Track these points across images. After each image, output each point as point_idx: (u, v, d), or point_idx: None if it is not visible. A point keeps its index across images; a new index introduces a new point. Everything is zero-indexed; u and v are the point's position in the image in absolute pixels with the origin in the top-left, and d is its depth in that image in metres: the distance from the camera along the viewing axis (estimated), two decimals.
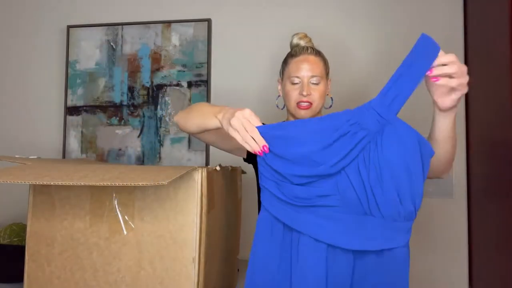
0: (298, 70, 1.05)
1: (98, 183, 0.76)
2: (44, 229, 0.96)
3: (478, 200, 1.52)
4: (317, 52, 1.10)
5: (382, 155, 0.72)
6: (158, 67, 1.86)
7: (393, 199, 0.72)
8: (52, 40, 1.99)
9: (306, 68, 1.05)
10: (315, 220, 0.75)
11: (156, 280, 0.90)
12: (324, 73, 1.08)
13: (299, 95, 1.04)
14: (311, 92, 1.04)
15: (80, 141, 1.90)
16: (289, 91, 1.07)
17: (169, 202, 0.91)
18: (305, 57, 1.07)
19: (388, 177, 0.71)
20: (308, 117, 1.03)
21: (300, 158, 0.75)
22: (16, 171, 0.81)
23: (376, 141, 0.72)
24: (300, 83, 1.05)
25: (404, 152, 0.72)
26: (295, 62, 1.07)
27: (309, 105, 1.04)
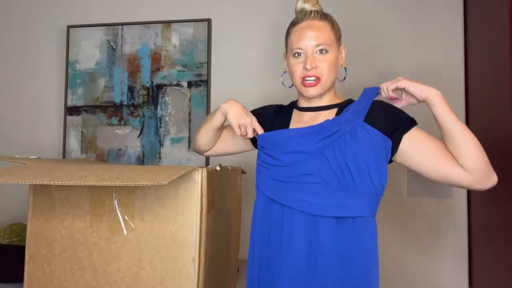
0: (301, 39, 0.90)
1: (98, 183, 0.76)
2: (44, 229, 0.96)
3: (478, 200, 1.52)
4: (323, 15, 0.93)
5: (357, 142, 0.84)
6: (158, 67, 1.86)
7: (365, 175, 0.85)
8: (52, 40, 2.00)
9: (310, 36, 0.89)
10: (300, 196, 0.88)
11: (156, 280, 0.90)
12: (333, 39, 0.91)
13: (304, 70, 0.90)
14: (317, 64, 0.89)
15: (80, 141, 1.90)
16: (292, 66, 0.93)
17: (169, 202, 0.91)
18: (308, 23, 0.91)
19: (361, 157, 0.84)
20: (317, 95, 0.92)
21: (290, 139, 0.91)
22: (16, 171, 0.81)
23: (351, 133, 0.86)
24: (304, 55, 0.91)
25: (372, 143, 0.85)
26: (296, 31, 0.92)
27: (316, 81, 0.90)
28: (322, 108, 0.95)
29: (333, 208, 0.85)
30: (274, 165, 0.92)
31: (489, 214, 1.40)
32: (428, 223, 1.63)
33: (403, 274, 1.64)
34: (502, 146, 1.27)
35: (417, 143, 0.86)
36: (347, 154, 0.84)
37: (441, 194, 1.62)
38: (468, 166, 0.82)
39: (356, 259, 0.85)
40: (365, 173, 0.84)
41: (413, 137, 0.87)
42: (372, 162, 0.84)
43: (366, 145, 0.84)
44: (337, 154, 0.84)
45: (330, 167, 0.85)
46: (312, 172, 0.87)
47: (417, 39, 1.69)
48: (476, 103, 1.54)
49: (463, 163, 0.82)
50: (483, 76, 1.47)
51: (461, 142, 0.82)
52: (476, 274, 1.54)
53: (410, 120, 0.89)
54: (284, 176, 0.90)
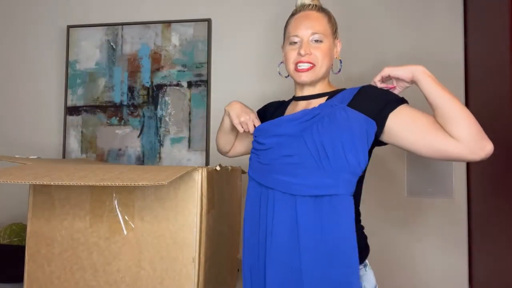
0: (297, 27, 0.94)
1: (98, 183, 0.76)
2: (44, 229, 0.96)
3: (478, 200, 1.52)
4: (321, 8, 0.98)
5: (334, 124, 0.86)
6: (158, 67, 1.86)
7: (340, 156, 0.85)
8: (52, 40, 2.00)
9: (306, 25, 0.93)
10: (281, 177, 0.91)
11: (156, 280, 0.90)
12: (329, 31, 0.95)
13: (298, 56, 0.93)
14: (312, 51, 0.92)
15: (80, 141, 1.90)
16: (287, 52, 0.96)
17: (169, 202, 0.91)
18: (306, 13, 0.95)
19: (336, 138, 0.85)
20: (310, 81, 0.95)
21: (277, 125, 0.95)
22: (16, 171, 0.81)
23: (330, 116, 0.88)
24: (299, 42, 0.94)
25: (350, 123, 0.85)
26: (294, 20, 0.96)
27: (310, 67, 0.93)
28: (314, 97, 0.98)
29: (311, 188, 0.86)
30: (259, 150, 0.98)
31: (489, 214, 1.40)
32: (428, 223, 1.63)
33: (403, 273, 1.64)
34: (502, 146, 1.27)
35: (405, 120, 0.84)
36: (324, 135, 0.86)
37: (441, 194, 1.62)
38: (459, 135, 0.78)
39: (334, 235, 0.85)
40: (341, 153, 0.85)
41: (400, 115, 0.84)
42: (348, 143, 0.84)
43: (343, 126, 0.85)
44: (314, 136, 0.87)
45: (307, 148, 0.87)
46: (291, 153, 0.90)
47: (417, 39, 1.69)
48: (476, 103, 1.54)
49: (454, 133, 0.79)
50: (483, 76, 1.47)
51: (450, 111, 0.79)
52: (476, 273, 1.54)
53: (397, 99, 0.87)
54: (267, 159, 0.95)
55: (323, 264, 0.85)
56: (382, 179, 1.69)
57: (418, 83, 0.85)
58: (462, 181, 1.62)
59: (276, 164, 0.92)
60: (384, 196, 1.68)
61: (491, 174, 1.37)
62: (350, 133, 0.84)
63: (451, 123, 0.79)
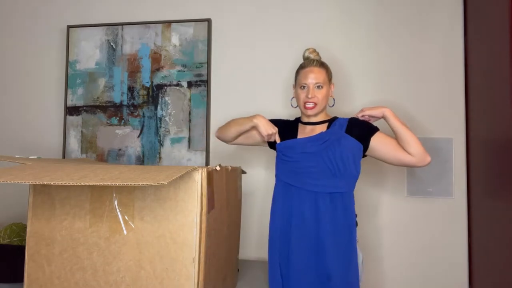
0: (306, 78, 1.36)
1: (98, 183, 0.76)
2: (44, 229, 0.96)
3: (478, 200, 1.52)
4: (321, 64, 1.39)
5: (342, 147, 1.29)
6: (158, 67, 1.86)
7: (347, 168, 1.29)
8: (52, 40, 2.00)
9: (311, 77, 1.36)
10: (306, 180, 1.31)
11: (156, 280, 0.90)
12: (326, 79, 1.38)
13: (306, 97, 1.36)
14: (315, 95, 1.35)
15: (80, 141, 1.90)
16: (298, 94, 1.39)
17: (169, 202, 0.91)
18: (311, 69, 1.37)
19: (344, 157, 1.29)
20: (313, 114, 1.38)
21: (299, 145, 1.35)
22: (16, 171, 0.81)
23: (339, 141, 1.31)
24: (307, 88, 1.36)
25: (351, 147, 1.30)
26: (304, 72, 1.38)
27: (314, 105, 1.35)
28: (317, 123, 1.40)
29: (327, 187, 1.30)
30: (289, 161, 1.36)
31: (489, 214, 1.40)
32: (428, 223, 1.63)
33: (404, 274, 1.64)
34: (502, 146, 1.27)
35: (381, 141, 1.31)
36: (336, 154, 1.29)
37: (441, 194, 1.62)
38: (412, 152, 1.28)
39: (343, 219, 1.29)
40: (347, 166, 1.29)
41: (378, 138, 1.32)
42: (350, 159, 1.29)
43: (347, 148, 1.30)
44: (329, 154, 1.30)
45: (324, 162, 1.30)
46: (314, 165, 1.31)
47: (417, 39, 1.69)
48: (476, 103, 1.54)
49: (409, 151, 1.28)
50: (483, 76, 1.47)
51: (406, 138, 1.28)
52: (476, 274, 1.54)
53: (374, 128, 1.33)
54: (296, 167, 1.34)
55: (335, 234, 1.27)
56: (383, 179, 1.69)
57: (387, 120, 1.32)
58: (462, 181, 1.62)
59: (304, 171, 1.32)
60: (384, 196, 1.68)
61: (491, 174, 1.37)
62: (351, 152, 1.29)
63: (407, 145, 1.28)
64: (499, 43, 1.29)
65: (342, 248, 1.28)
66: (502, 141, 1.27)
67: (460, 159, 1.63)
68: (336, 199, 1.30)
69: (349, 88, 1.73)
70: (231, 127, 1.45)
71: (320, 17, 1.79)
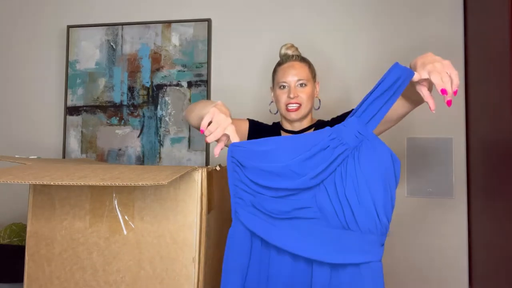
0: (285, 75, 1.12)
1: (98, 183, 0.76)
2: (44, 229, 0.96)
3: (478, 200, 1.52)
4: (302, 58, 1.17)
5: (360, 169, 0.76)
6: (158, 67, 1.86)
7: (370, 211, 0.75)
8: (52, 40, 2.00)
9: (292, 73, 1.12)
10: (293, 233, 0.78)
11: (156, 280, 0.90)
12: (310, 76, 1.15)
13: (288, 98, 1.11)
14: (298, 94, 1.11)
15: (80, 141, 1.90)
16: (278, 95, 1.14)
17: (169, 202, 0.91)
18: (291, 64, 1.14)
19: (365, 190, 0.75)
20: (298, 118, 1.12)
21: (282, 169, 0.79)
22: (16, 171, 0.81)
23: (354, 156, 0.77)
24: (287, 87, 1.12)
25: (380, 167, 0.76)
26: (282, 69, 1.14)
27: (297, 107, 1.11)
28: (303, 131, 1.14)
29: (333, 254, 0.76)
30: (259, 194, 0.86)
31: (489, 214, 1.40)
32: (428, 223, 1.63)
33: (404, 273, 1.64)
34: (502, 146, 1.27)
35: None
36: (351, 183, 0.76)
37: (441, 194, 1.62)
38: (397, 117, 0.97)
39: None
40: (370, 208, 0.75)
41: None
42: (379, 192, 0.75)
43: (373, 166, 0.75)
44: (338, 185, 0.77)
45: (329, 203, 0.78)
46: (307, 206, 0.80)
47: (417, 39, 1.69)
48: (476, 103, 1.54)
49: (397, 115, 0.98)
50: (483, 76, 1.47)
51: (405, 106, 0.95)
52: (476, 274, 1.54)
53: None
54: (272, 210, 0.83)
55: None
56: None
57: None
58: (462, 181, 1.62)
59: (287, 217, 0.84)
60: None
61: (491, 174, 1.37)
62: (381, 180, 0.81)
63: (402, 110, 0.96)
64: (499, 43, 1.29)
65: None
66: (502, 141, 1.27)
67: (460, 159, 1.63)
68: (343, 278, 0.76)
69: (347, 90, 1.73)
70: (193, 111, 1.08)
71: (321, 18, 1.78)
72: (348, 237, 0.76)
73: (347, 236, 0.76)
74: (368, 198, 0.75)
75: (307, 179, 0.77)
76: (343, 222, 0.76)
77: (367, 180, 0.75)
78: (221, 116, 0.85)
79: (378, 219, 0.75)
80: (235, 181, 0.86)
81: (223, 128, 0.85)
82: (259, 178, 0.81)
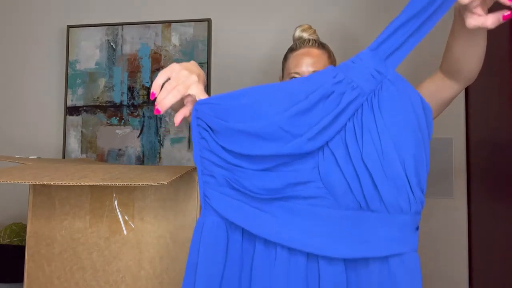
0: (298, 65, 0.89)
1: (98, 183, 0.76)
2: (44, 229, 0.96)
3: (478, 200, 1.52)
4: (320, 44, 0.94)
5: (382, 120, 0.53)
6: (158, 67, 1.86)
7: (399, 180, 0.53)
8: (52, 40, 1.99)
9: (307, 62, 0.88)
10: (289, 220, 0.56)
11: (156, 280, 0.90)
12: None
13: None
14: None
15: (80, 141, 1.90)
16: None
17: (169, 202, 0.91)
18: (307, 50, 0.91)
19: (391, 149, 0.53)
20: None
21: (267, 128, 0.55)
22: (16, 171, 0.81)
23: (372, 104, 0.54)
24: None
25: (409, 116, 0.53)
26: (295, 57, 0.92)
27: None
28: None
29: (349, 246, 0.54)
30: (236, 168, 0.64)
31: (489, 214, 1.40)
32: (428, 223, 1.63)
33: None
34: (502, 146, 1.27)
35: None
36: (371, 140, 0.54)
37: (441, 194, 1.62)
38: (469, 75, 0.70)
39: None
40: (400, 175, 0.54)
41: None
42: (410, 153, 0.53)
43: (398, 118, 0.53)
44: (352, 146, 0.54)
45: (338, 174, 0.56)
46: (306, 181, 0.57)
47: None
48: (476, 103, 1.54)
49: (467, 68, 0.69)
50: (483, 76, 1.46)
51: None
52: (476, 274, 1.54)
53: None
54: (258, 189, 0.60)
55: None
56: None
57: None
58: (462, 181, 1.62)
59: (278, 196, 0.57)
60: None
61: (492, 174, 1.37)
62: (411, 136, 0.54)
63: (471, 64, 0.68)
64: (499, 43, 1.29)
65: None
66: (502, 141, 1.27)
67: (460, 159, 1.63)
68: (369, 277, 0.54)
69: None
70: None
71: (321, 19, 1.78)
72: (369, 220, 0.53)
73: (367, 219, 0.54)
74: (396, 162, 0.53)
75: (304, 140, 0.54)
76: (360, 199, 0.54)
77: (392, 136, 0.53)
78: (184, 73, 0.61)
79: (411, 190, 0.55)
80: (203, 152, 0.63)
81: (186, 87, 0.61)
82: (235, 144, 0.58)
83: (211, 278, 0.59)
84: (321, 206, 0.55)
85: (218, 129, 0.60)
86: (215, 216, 0.62)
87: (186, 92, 0.62)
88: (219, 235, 0.60)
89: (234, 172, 0.59)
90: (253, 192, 0.57)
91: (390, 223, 0.53)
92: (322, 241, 0.54)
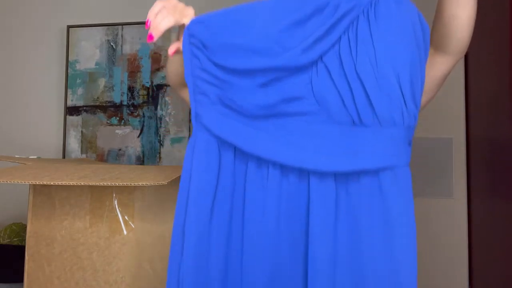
0: None
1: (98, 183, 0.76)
2: (44, 229, 0.96)
3: (478, 200, 1.52)
4: None
5: (378, 32, 0.51)
6: (158, 67, 1.86)
7: (393, 93, 0.52)
8: (52, 40, 1.99)
9: None
10: (281, 136, 0.55)
11: (156, 280, 0.90)
12: None
13: None
14: None
15: (80, 141, 1.90)
16: None
17: (169, 202, 0.91)
18: None
19: (386, 61, 0.51)
20: None
21: (259, 41, 0.55)
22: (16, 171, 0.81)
23: (368, 15, 0.52)
24: None
25: (406, 29, 0.52)
26: None
27: None
28: None
29: (341, 159, 0.52)
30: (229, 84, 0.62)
31: (489, 214, 1.40)
32: (428, 223, 1.63)
33: None
34: (502, 146, 1.27)
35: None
36: (366, 55, 0.52)
37: (441, 194, 1.62)
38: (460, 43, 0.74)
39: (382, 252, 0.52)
40: (394, 87, 0.51)
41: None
42: (405, 65, 0.51)
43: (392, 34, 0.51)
44: (346, 60, 0.52)
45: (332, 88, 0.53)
46: (299, 96, 0.55)
47: None
48: (476, 102, 1.54)
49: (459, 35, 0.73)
50: (483, 76, 1.46)
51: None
52: (476, 274, 1.54)
53: None
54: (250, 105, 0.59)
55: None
56: None
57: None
58: (462, 181, 1.62)
59: (271, 113, 0.59)
60: None
61: (492, 174, 1.37)
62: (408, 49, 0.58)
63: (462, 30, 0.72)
64: (500, 42, 1.29)
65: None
66: (502, 141, 1.27)
67: (460, 159, 1.63)
68: (360, 191, 0.53)
69: None
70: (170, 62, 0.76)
71: None
72: (362, 134, 0.52)
73: (360, 133, 0.52)
74: (390, 74, 0.51)
75: (297, 52, 0.52)
76: (353, 113, 0.53)
77: (388, 47, 0.51)
78: (181, 4, 0.63)
79: (405, 103, 0.53)
80: (195, 71, 0.61)
81: (182, 15, 0.62)
82: (228, 59, 0.57)
83: (204, 197, 0.58)
84: (314, 122, 0.54)
85: (212, 45, 0.59)
86: (207, 134, 0.60)
87: (182, 20, 0.62)
88: (211, 151, 0.59)
89: (227, 90, 0.58)
90: (246, 109, 0.56)
91: (383, 136, 0.53)
92: (314, 156, 0.53)
